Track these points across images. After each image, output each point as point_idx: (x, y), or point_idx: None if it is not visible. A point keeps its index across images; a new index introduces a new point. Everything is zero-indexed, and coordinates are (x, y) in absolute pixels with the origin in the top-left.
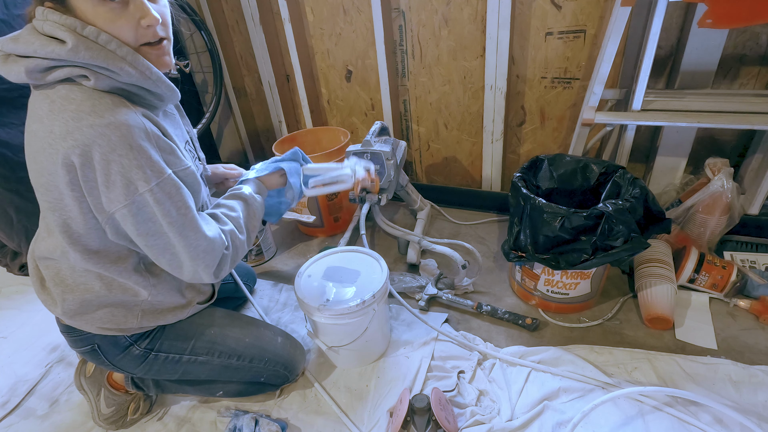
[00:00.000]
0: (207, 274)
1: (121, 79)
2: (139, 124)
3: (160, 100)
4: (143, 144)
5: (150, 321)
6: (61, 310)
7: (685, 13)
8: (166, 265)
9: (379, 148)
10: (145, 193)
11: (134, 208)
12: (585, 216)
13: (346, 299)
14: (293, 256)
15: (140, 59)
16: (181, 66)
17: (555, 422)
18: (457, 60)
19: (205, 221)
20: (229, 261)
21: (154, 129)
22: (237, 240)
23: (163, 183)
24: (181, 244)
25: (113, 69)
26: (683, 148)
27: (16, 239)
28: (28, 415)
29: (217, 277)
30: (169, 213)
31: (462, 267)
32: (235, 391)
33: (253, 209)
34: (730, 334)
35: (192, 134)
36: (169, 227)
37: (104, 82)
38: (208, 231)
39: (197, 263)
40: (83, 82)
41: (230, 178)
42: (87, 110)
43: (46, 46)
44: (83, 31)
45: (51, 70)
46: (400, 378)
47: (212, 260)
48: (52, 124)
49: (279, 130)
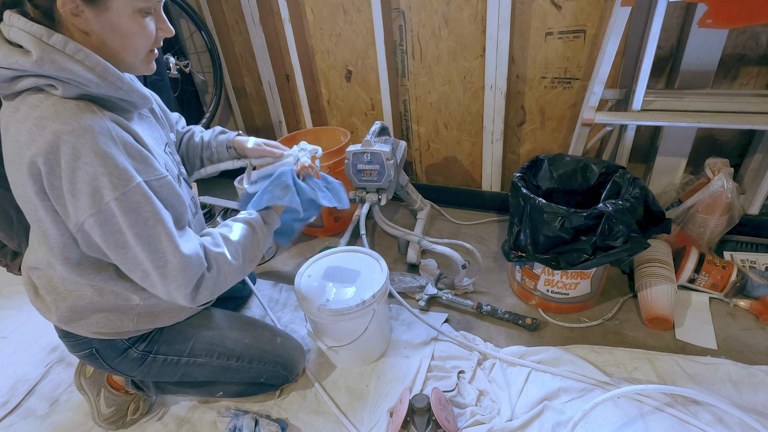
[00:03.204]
0: (182, 296)
1: (89, 90)
2: (104, 129)
3: (133, 107)
4: (109, 151)
5: (146, 324)
6: (56, 317)
7: (685, 13)
8: (139, 282)
9: (379, 148)
10: (111, 202)
11: (100, 217)
12: (585, 216)
13: (346, 299)
14: (293, 256)
15: (110, 69)
16: (181, 66)
17: (555, 422)
18: (457, 60)
19: (185, 237)
20: (212, 285)
21: (122, 135)
22: (226, 265)
23: (130, 192)
24: (150, 260)
25: (80, 81)
26: (683, 148)
27: (16, 239)
28: (28, 415)
29: (194, 301)
30: (135, 224)
31: (462, 267)
32: (234, 391)
33: (258, 238)
34: (730, 334)
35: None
36: (135, 240)
37: (71, 91)
38: (184, 248)
39: (168, 282)
40: (51, 91)
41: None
42: (50, 116)
43: (8, 57)
44: (49, 40)
45: (16, 80)
46: (400, 378)
47: (186, 280)
48: (18, 133)
49: (279, 130)
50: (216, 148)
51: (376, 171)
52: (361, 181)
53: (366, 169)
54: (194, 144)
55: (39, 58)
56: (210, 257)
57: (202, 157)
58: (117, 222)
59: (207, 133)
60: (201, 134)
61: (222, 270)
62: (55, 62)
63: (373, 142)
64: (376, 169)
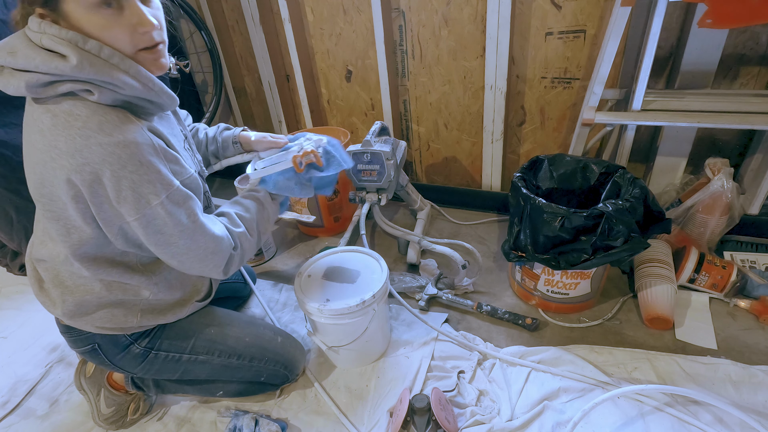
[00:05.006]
0: (216, 273)
1: (124, 93)
2: (147, 140)
3: (160, 109)
4: (152, 159)
5: (150, 320)
6: (61, 311)
7: (685, 13)
8: (176, 266)
9: (379, 148)
10: (156, 207)
11: (144, 220)
12: (585, 216)
13: (346, 299)
14: (293, 256)
15: (142, 72)
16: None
17: (555, 422)
18: (457, 60)
19: (212, 222)
20: (237, 260)
21: (159, 142)
22: (246, 242)
23: (173, 195)
24: (192, 248)
25: (117, 83)
26: (683, 148)
27: (16, 239)
28: (28, 415)
29: (226, 275)
30: (179, 222)
31: (462, 267)
32: (235, 390)
33: (267, 213)
34: (730, 334)
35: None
36: (180, 235)
37: (107, 96)
38: (217, 231)
39: (205, 263)
40: (86, 97)
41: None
42: (95, 128)
43: (48, 62)
44: (85, 46)
45: (53, 84)
46: (400, 378)
47: (221, 260)
48: (55, 139)
49: (279, 130)
50: (221, 144)
51: (376, 171)
52: (361, 181)
53: (366, 169)
54: (198, 141)
55: (79, 62)
56: (234, 237)
57: (207, 152)
58: (162, 222)
59: (211, 130)
60: (205, 131)
61: (244, 247)
62: (94, 66)
63: (373, 142)
64: (376, 169)
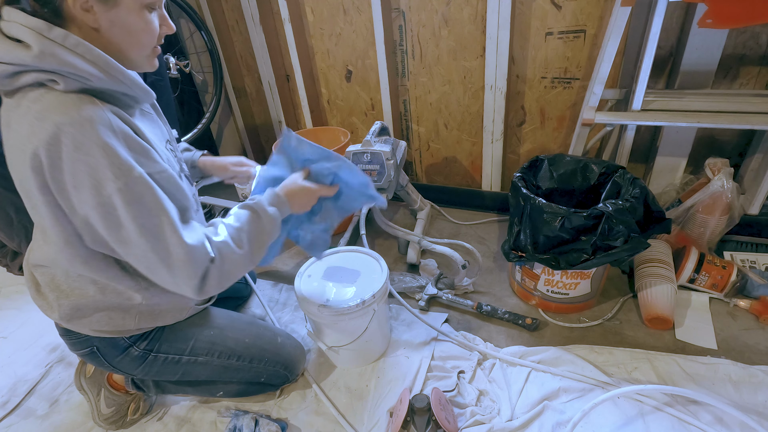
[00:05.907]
0: (189, 288)
1: (91, 84)
2: (105, 121)
3: (135, 101)
4: (109, 141)
5: (148, 322)
6: (58, 314)
7: (685, 13)
8: (147, 274)
9: (379, 148)
10: (113, 194)
11: (103, 210)
12: (585, 216)
13: (346, 299)
14: (293, 256)
15: (111, 63)
16: (181, 66)
17: (555, 422)
18: (457, 60)
19: (189, 229)
20: (216, 276)
21: (123, 127)
22: (230, 254)
23: (133, 183)
24: (155, 251)
25: (81, 74)
26: (683, 148)
27: (17, 239)
28: (28, 415)
29: (202, 293)
30: (139, 215)
31: (462, 267)
32: (235, 391)
33: (263, 223)
34: (730, 334)
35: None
36: (140, 231)
37: (73, 85)
38: (189, 238)
39: (175, 274)
40: (52, 86)
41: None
42: (51, 109)
43: (10, 52)
44: (50, 34)
45: (18, 75)
46: (400, 378)
47: (193, 271)
48: (19, 127)
49: (279, 130)
50: None
51: (376, 171)
52: None
53: (366, 169)
54: None
55: (40, 52)
56: (213, 247)
57: None
58: (120, 214)
59: None
60: None
61: (226, 259)
62: (56, 56)
63: (373, 142)
64: (376, 169)
